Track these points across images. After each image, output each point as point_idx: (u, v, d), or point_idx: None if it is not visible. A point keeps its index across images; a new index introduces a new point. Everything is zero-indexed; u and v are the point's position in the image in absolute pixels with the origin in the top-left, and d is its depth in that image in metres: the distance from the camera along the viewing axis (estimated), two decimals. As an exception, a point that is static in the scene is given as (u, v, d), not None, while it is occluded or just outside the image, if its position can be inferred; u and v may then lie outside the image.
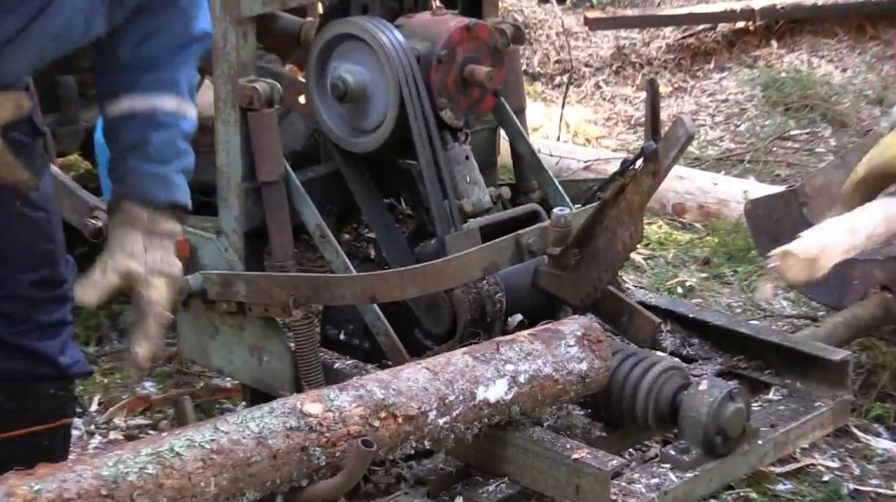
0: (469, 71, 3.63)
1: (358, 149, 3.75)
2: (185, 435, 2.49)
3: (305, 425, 2.62)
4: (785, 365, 3.65)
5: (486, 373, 2.96)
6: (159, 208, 2.63)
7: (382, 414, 2.73)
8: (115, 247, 2.60)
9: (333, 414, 2.66)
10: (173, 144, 2.65)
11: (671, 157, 3.02)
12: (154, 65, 2.63)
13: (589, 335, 3.14)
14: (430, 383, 2.86)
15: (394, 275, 3.28)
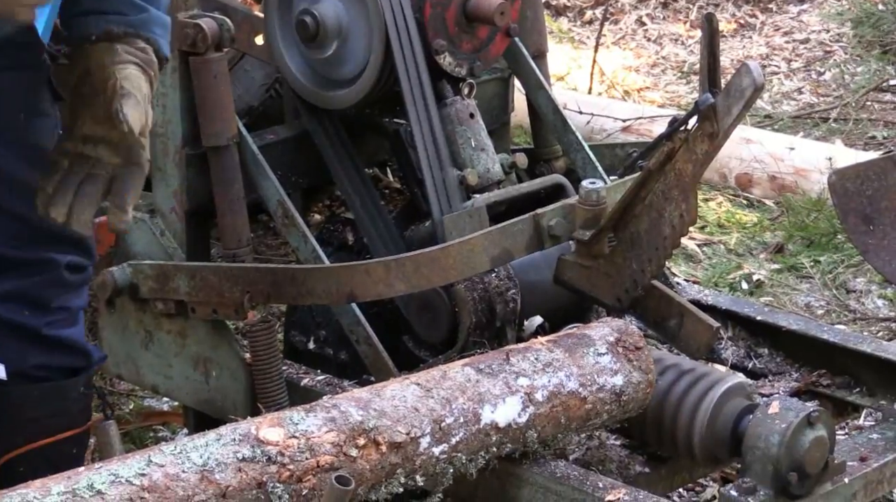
0: (474, 4, 3.65)
1: (332, 104, 3.76)
2: (109, 469, 2.49)
3: (262, 455, 2.62)
4: (879, 381, 3.67)
5: (492, 388, 2.96)
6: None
7: (361, 441, 2.74)
8: None
9: (298, 442, 2.66)
10: None
11: (734, 115, 3.03)
12: None
13: (624, 341, 3.16)
14: (422, 402, 2.86)
15: (377, 267, 3.30)
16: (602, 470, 3.31)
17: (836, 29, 7.61)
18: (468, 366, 3.01)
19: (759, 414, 3.17)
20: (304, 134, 3.84)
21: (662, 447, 3.32)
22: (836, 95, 6.84)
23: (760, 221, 5.41)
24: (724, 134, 3.06)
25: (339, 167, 3.79)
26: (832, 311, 4.67)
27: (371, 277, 3.26)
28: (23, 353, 3.05)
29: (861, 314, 4.64)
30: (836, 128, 6.36)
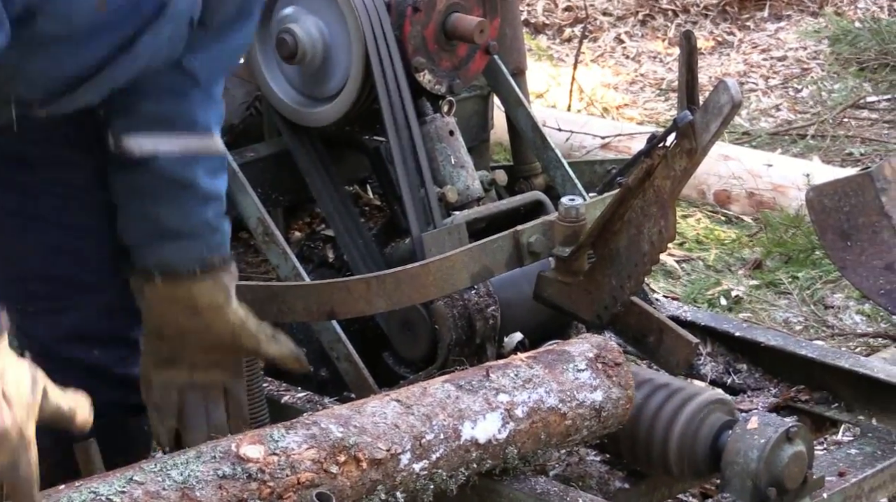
0: (453, 22, 3.66)
1: (312, 122, 3.77)
2: (89, 487, 2.49)
3: (243, 472, 2.62)
4: (857, 397, 3.67)
5: (473, 405, 2.96)
6: None
7: (342, 458, 2.73)
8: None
9: (279, 459, 2.66)
10: None
11: (712, 132, 3.04)
12: None
13: (604, 357, 3.16)
14: (402, 419, 2.86)
15: (358, 285, 3.30)
16: (582, 485, 3.31)
17: (813, 46, 7.64)
18: (448, 383, 3.00)
19: (738, 430, 3.17)
20: (284, 151, 3.84)
21: (641, 463, 3.32)
22: (813, 112, 6.86)
23: (739, 237, 5.42)
24: (703, 150, 3.07)
25: (320, 184, 3.79)
26: (810, 327, 4.69)
27: (351, 294, 3.26)
28: (89, 391, 2.97)
29: (839, 330, 4.65)
30: (813, 144, 6.38)
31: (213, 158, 2.93)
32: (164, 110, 2.85)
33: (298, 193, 3.91)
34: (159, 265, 2.90)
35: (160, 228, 2.91)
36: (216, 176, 2.94)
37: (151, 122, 2.85)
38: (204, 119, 2.89)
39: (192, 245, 2.91)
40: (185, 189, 2.88)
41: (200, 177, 2.89)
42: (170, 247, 2.90)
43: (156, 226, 2.91)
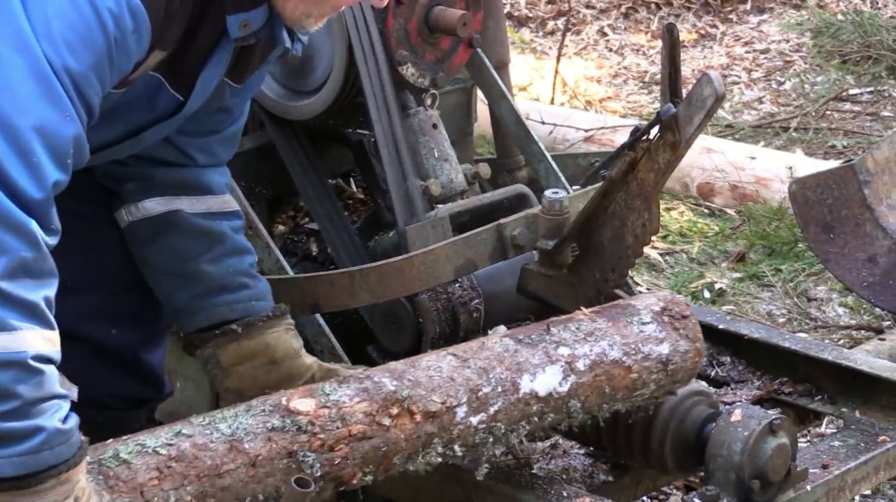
0: (436, 15, 3.65)
1: (295, 115, 3.76)
2: (136, 440, 2.49)
3: (293, 425, 2.60)
4: (841, 389, 3.68)
5: (532, 358, 2.90)
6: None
7: (394, 411, 2.69)
8: None
9: (329, 412, 2.64)
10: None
11: (695, 125, 3.04)
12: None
13: (670, 310, 3.09)
14: (458, 372, 2.81)
15: (342, 278, 3.30)
16: (566, 478, 3.31)
17: (795, 39, 7.66)
18: (507, 338, 2.95)
19: (721, 422, 3.18)
20: (267, 145, 3.84)
21: (626, 456, 3.33)
22: (796, 105, 6.87)
23: (722, 230, 5.43)
24: (686, 143, 3.07)
25: (303, 178, 3.79)
26: (794, 320, 4.70)
27: (335, 288, 3.26)
28: (98, 379, 2.96)
29: (822, 322, 4.66)
30: (796, 137, 6.39)
31: (233, 218, 3.03)
32: (178, 176, 2.95)
33: (282, 187, 3.91)
34: (219, 320, 2.95)
35: (206, 285, 2.95)
36: (239, 232, 3.04)
37: (167, 186, 2.94)
38: (217, 183, 3.02)
39: (240, 295, 2.97)
40: (216, 241, 2.96)
41: (227, 230, 2.98)
42: (221, 300, 2.96)
43: (201, 285, 2.95)
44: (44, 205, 2.27)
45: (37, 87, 2.24)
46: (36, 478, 2.29)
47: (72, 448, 2.34)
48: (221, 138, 3.01)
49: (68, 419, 2.35)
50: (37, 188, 2.24)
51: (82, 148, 2.37)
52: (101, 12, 2.30)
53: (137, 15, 2.36)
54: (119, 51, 2.35)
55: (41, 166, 2.25)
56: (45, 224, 2.27)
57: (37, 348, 2.26)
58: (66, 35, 2.27)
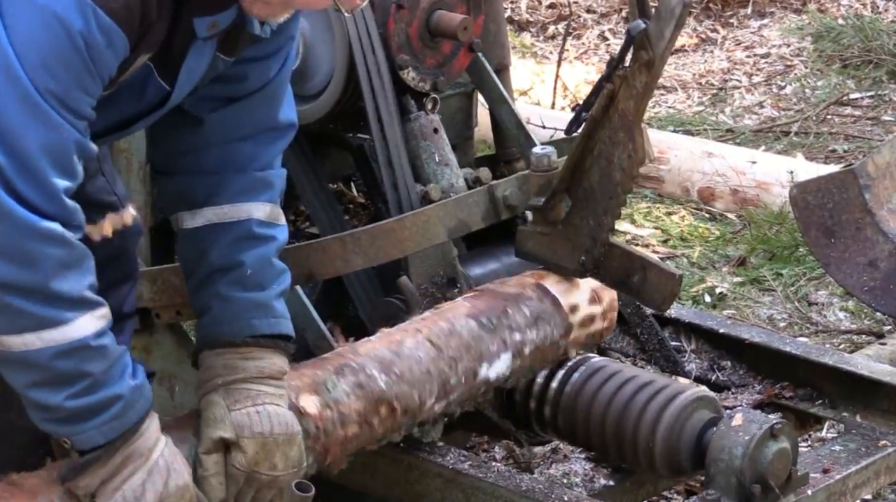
0: (437, 19, 3.66)
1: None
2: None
3: (303, 428, 2.80)
4: (842, 393, 3.68)
5: (491, 346, 3.14)
6: (262, 345, 2.85)
7: (383, 410, 2.91)
8: (200, 423, 2.83)
9: (331, 414, 2.83)
10: (269, 263, 2.90)
11: (667, 38, 2.96)
12: (240, 163, 2.91)
13: (599, 292, 3.38)
14: (434, 364, 3.02)
15: (333, 244, 3.29)
16: (567, 483, 3.31)
17: (796, 43, 7.65)
18: (471, 320, 3.18)
19: (722, 427, 3.18)
20: (268, 149, 3.83)
21: (626, 460, 3.33)
22: (796, 109, 6.87)
23: (723, 235, 5.43)
24: (661, 59, 2.98)
25: (304, 182, 3.79)
26: (794, 324, 4.69)
27: (328, 254, 3.27)
28: None
29: (823, 326, 4.66)
30: (797, 141, 6.39)
31: None
32: (252, 180, 2.94)
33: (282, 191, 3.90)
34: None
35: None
36: None
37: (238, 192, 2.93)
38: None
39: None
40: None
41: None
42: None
43: None
44: (61, 211, 2.48)
45: (29, 110, 2.42)
46: (122, 438, 2.59)
47: (147, 397, 2.64)
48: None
49: (136, 372, 2.62)
50: (49, 200, 2.45)
51: (85, 149, 2.53)
52: (72, 35, 2.42)
53: (109, 31, 2.46)
54: (97, 65, 2.47)
55: (49, 181, 2.44)
56: (67, 224, 2.48)
57: (93, 328, 2.52)
58: (45, 59, 2.42)
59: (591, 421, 3.28)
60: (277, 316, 2.88)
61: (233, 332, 2.84)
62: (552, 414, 3.33)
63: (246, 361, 2.83)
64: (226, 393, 2.81)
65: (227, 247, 2.86)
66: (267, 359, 2.84)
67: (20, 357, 2.48)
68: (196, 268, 2.90)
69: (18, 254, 2.43)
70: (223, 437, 2.76)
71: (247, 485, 2.78)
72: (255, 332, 2.84)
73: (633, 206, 5.61)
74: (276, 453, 2.78)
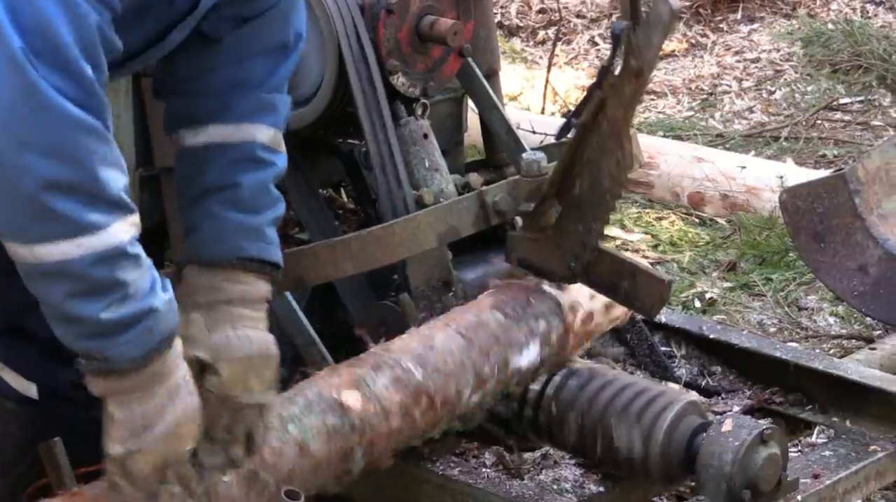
0: (427, 24, 3.65)
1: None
2: None
3: (347, 423, 2.84)
4: (831, 399, 3.69)
5: (518, 334, 3.18)
6: (249, 268, 2.78)
7: (423, 402, 2.95)
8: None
9: (374, 407, 2.87)
10: (266, 188, 2.83)
11: (655, 45, 2.93)
12: (250, 84, 2.84)
13: None
14: (466, 355, 3.07)
15: (324, 250, 3.29)
16: (557, 489, 3.31)
17: (786, 48, 7.66)
18: (496, 311, 3.22)
19: (712, 433, 3.18)
20: (257, 155, 3.82)
21: (617, 466, 3.32)
22: (786, 114, 6.88)
23: (713, 240, 5.43)
24: (649, 67, 2.98)
25: (294, 188, 3.78)
26: (784, 329, 4.69)
27: (318, 260, 3.27)
28: (53, 371, 3.00)
29: (813, 331, 4.66)
30: (787, 146, 6.40)
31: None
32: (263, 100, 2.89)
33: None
34: None
35: None
36: None
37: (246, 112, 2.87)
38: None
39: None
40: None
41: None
42: None
43: None
44: (98, 104, 2.37)
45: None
46: (157, 351, 2.50)
47: (176, 313, 2.55)
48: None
49: (165, 286, 2.54)
50: (87, 93, 2.34)
51: (109, 41, 2.42)
52: None
53: None
54: None
55: (84, 72, 2.33)
56: (103, 120, 2.38)
57: (128, 235, 2.44)
58: None
59: (584, 427, 3.28)
60: (269, 242, 2.82)
61: (221, 252, 2.77)
62: (546, 420, 3.33)
63: (231, 283, 2.76)
64: (207, 313, 2.74)
65: (226, 167, 2.79)
66: (252, 283, 2.78)
67: (56, 267, 2.37)
68: (191, 185, 2.82)
69: (63, 150, 2.32)
70: (200, 358, 2.70)
71: (221, 409, 2.72)
72: (244, 255, 2.77)
73: (623, 212, 5.61)
74: (251, 376, 2.73)
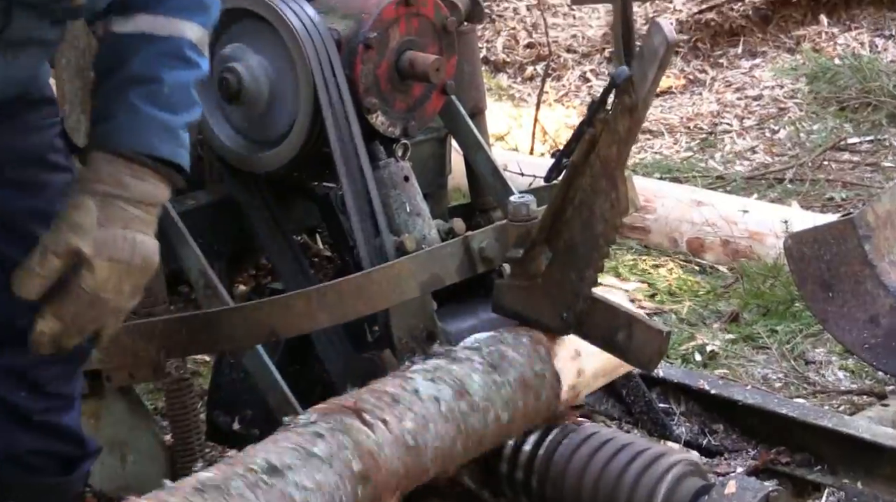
0: (408, 60, 3.68)
1: (257, 167, 3.78)
2: None
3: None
4: (841, 459, 3.70)
5: None
6: (158, 169, 2.83)
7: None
8: (62, 220, 2.76)
9: None
10: (187, 89, 2.88)
11: (650, 80, 2.98)
12: None
13: None
14: None
15: (298, 300, 3.31)
16: (548, 556, 3.31)
17: (790, 85, 7.71)
18: None
19: (714, 495, 3.18)
20: (227, 198, 3.85)
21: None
22: (791, 155, 6.91)
23: (713, 289, 5.45)
24: (644, 104, 2.99)
25: (266, 234, 3.80)
26: (791, 384, 4.70)
27: (292, 311, 3.27)
28: (15, 437, 3.05)
29: (821, 387, 4.67)
30: (791, 189, 6.43)
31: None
32: None
33: (243, 244, 3.92)
34: None
35: None
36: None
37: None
38: None
39: None
40: None
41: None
42: None
43: None
44: None
45: None
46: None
47: None
48: None
49: None
50: None
51: None
52: None
53: None
54: None
55: None
56: None
57: None
58: None
59: (579, 491, 3.28)
60: (181, 145, 2.87)
61: (132, 145, 2.81)
62: (539, 483, 3.33)
63: (135, 180, 2.80)
64: (102, 204, 2.78)
65: (151, 60, 2.83)
66: (154, 184, 2.83)
67: None
68: (112, 74, 2.85)
69: None
70: (81, 250, 2.74)
71: (88, 308, 2.76)
72: (155, 153, 2.81)
73: (618, 258, 5.63)
74: (126, 281, 2.79)
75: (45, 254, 2.73)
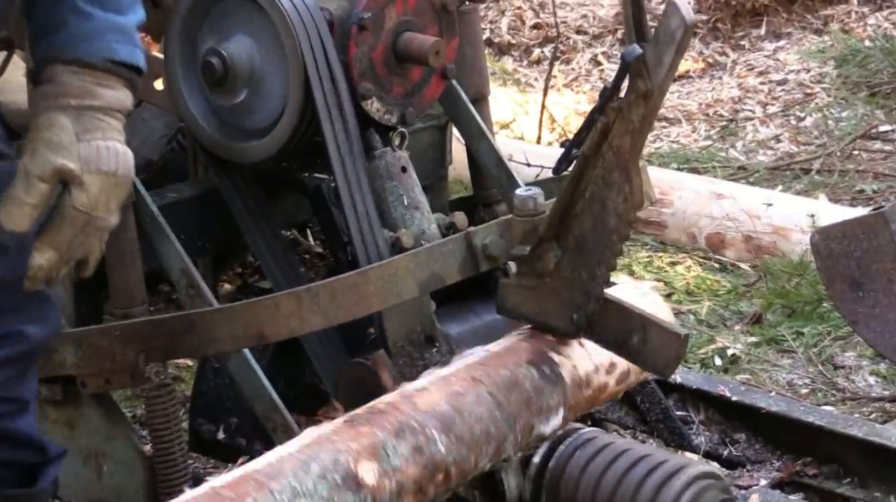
0: (405, 42, 3.67)
1: (244, 158, 3.76)
2: None
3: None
4: (873, 470, 3.69)
5: (550, 400, 3.24)
6: (120, 73, 2.87)
7: (440, 478, 3.01)
8: (38, 143, 2.79)
9: (389, 483, 2.92)
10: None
11: (666, 65, 2.95)
12: None
13: None
14: (494, 422, 3.14)
15: (288, 300, 3.29)
16: (558, 575, 3.30)
17: (817, 68, 7.70)
18: (532, 368, 3.27)
19: (736, 510, 3.18)
20: (211, 191, 3.84)
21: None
22: (818, 143, 6.91)
23: (735, 288, 5.44)
24: (660, 90, 2.98)
25: (253, 229, 3.79)
26: (818, 390, 4.70)
27: (281, 312, 3.27)
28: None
29: (851, 393, 4.67)
30: (819, 180, 6.42)
31: None
32: None
33: (228, 240, 3.91)
34: None
35: None
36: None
37: None
38: None
39: None
40: None
41: None
42: None
43: None
44: None
45: None
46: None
47: None
48: None
49: None
50: None
51: None
52: None
53: None
54: None
55: None
56: None
57: None
58: None
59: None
60: (136, 45, 2.91)
61: (92, 52, 2.84)
62: (549, 498, 3.33)
63: (102, 88, 2.84)
64: (77, 118, 2.81)
65: None
66: (121, 90, 2.87)
67: None
68: None
69: None
70: (68, 167, 2.77)
71: (82, 230, 2.81)
72: (116, 57, 2.85)
73: (632, 256, 5.62)
74: (113, 196, 2.83)
75: (29, 181, 2.75)
